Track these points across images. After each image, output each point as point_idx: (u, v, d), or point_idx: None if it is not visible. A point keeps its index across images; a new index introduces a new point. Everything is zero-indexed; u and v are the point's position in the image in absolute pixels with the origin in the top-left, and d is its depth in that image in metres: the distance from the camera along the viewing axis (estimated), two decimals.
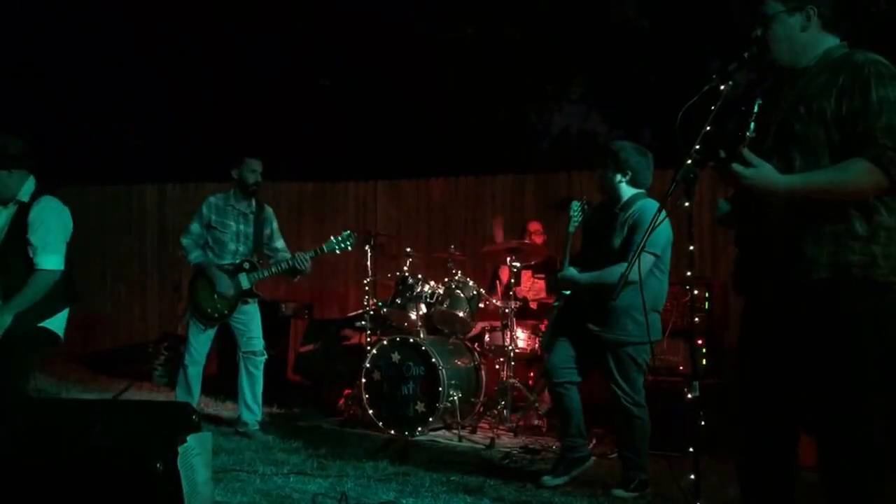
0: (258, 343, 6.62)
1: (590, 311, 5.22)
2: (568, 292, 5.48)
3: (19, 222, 4.61)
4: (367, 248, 7.79)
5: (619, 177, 5.28)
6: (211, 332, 6.56)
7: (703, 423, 3.29)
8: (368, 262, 7.78)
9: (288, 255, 6.59)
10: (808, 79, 3.19)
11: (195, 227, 6.57)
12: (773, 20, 3.24)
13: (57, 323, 4.76)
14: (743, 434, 3.35)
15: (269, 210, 6.79)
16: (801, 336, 3.12)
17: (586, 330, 5.25)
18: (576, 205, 5.61)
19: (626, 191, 5.30)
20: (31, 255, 4.58)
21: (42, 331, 4.68)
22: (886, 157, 2.94)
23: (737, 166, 3.02)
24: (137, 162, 13.39)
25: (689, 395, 3.29)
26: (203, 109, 14.24)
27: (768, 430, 3.28)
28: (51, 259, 4.60)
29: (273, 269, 6.51)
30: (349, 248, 6.58)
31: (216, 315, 6.44)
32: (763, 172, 3.01)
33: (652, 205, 5.18)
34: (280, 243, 6.73)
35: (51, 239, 4.61)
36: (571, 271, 5.27)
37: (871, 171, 2.95)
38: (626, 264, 4.93)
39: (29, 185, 4.69)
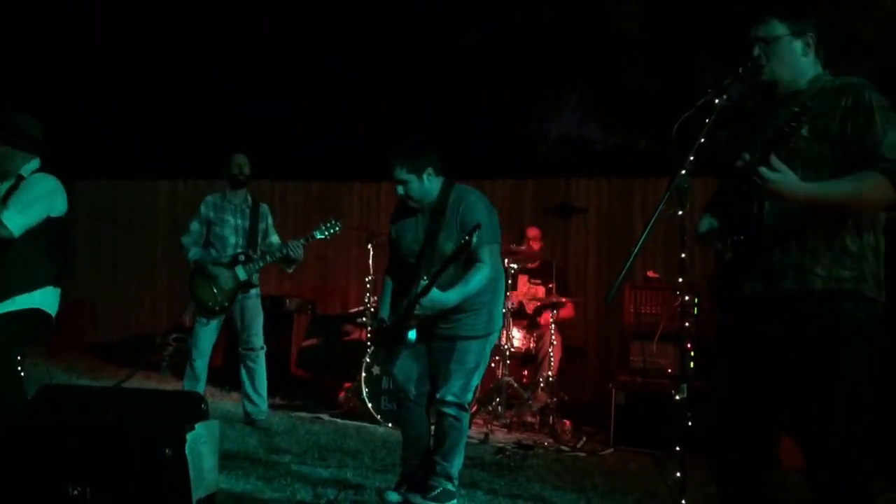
0: (258, 340, 6.76)
1: (438, 314, 4.63)
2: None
3: (11, 193, 4.53)
4: (369, 246, 7.95)
5: (425, 179, 4.69)
6: (215, 326, 6.68)
7: (689, 423, 3.37)
8: (370, 261, 7.94)
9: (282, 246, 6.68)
10: (804, 99, 3.24)
11: (195, 225, 6.73)
12: (777, 41, 3.29)
13: (48, 303, 4.60)
14: (721, 437, 3.41)
15: (265, 207, 6.93)
16: (789, 342, 3.18)
17: (431, 335, 4.71)
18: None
19: (436, 187, 4.74)
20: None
21: (33, 311, 4.55)
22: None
23: (764, 170, 3.03)
24: (150, 159, 13.49)
25: (677, 397, 3.33)
26: (214, 109, 14.31)
27: (748, 435, 3.33)
28: (10, 216, 4.38)
29: (267, 258, 6.61)
30: (337, 231, 6.63)
31: (217, 308, 6.57)
32: (788, 179, 3.02)
33: (465, 192, 4.74)
34: (275, 238, 6.85)
35: (23, 203, 4.45)
36: (439, 294, 4.51)
37: (883, 184, 3.04)
38: (481, 265, 4.56)
39: (33, 164, 4.62)
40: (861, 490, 3.12)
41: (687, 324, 3.68)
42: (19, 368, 4.59)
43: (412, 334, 4.61)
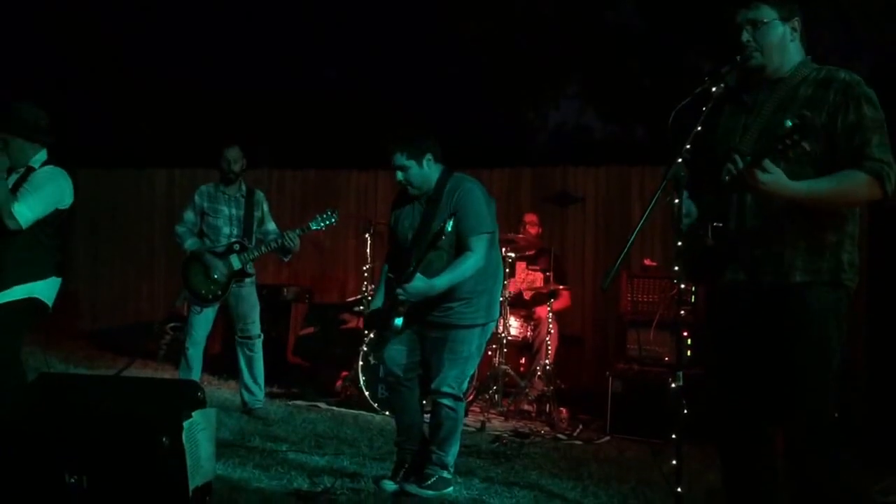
0: (255, 328, 6.76)
1: (430, 300, 4.64)
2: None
3: (21, 184, 4.59)
4: (366, 235, 7.94)
5: (425, 165, 4.69)
6: (210, 315, 6.68)
7: (686, 411, 3.34)
8: (368, 250, 7.94)
9: (275, 237, 6.66)
10: (789, 89, 3.31)
11: (189, 215, 6.70)
12: (765, 26, 3.32)
13: (46, 293, 4.68)
14: (720, 421, 3.48)
15: (260, 194, 6.90)
16: (768, 328, 3.27)
17: (425, 322, 4.74)
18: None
19: (434, 173, 4.74)
20: None
21: (31, 301, 4.61)
22: (885, 172, 3.12)
23: (759, 172, 3.08)
24: (147, 147, 13.52)
25: (674, 385, 3.35)
26: (212, 98, 14.34)
27: (742, 417, 3.41)
28: (21, 211, 4.47)
29: (263, 248, 6.59)
30: (333, 223, 6.61)
31: (210, 296, 6.56)
32: (778, 179, 3.08)
33: (463, 181, 4.72)
34: (271, 226, 6.84)
35: (34, 197, 4.53)
36: (422, 280, 4.53)
37: (871, 183, 3.13)
38: (470, 254, 4.56)
39: (41, 156, 4.69)
40: (834, 462, 3.21)
41: (683, 312, 3.67)
42: (19, 357, 4.65)
43: (398, 321, 4.65)
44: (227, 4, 14.36)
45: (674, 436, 3.38)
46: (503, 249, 7.26)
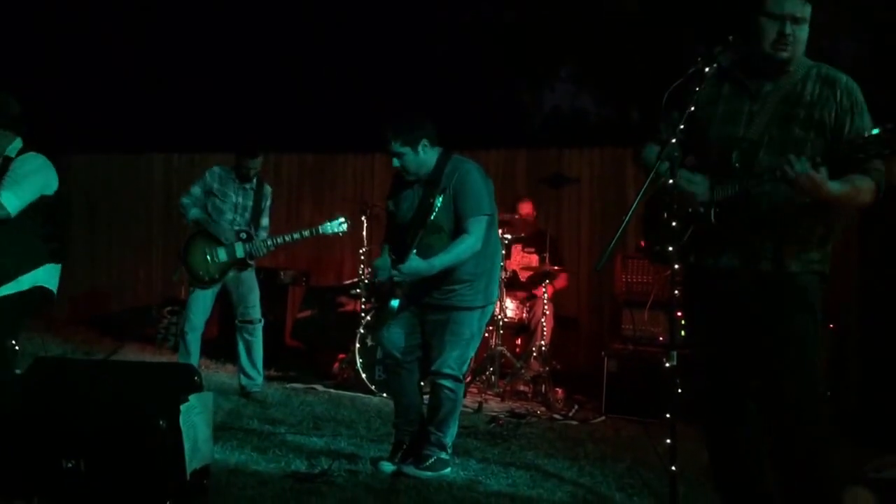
0: (255, 312, 6.79)
1: (430, 283, 4.71)
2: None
3: (2, 174, 4.52)
4: (363, 218, 7.96)
5: (420, 151, 4.72)
6: (210, 301, 6.71)
7: (680, 390, 3.34)
8: (364, 233, 7.97)
9: (265, 235, 6.78)
10: (793, 83, 3.35)
11: (196, 189, 6.72)
12: (806, 23, 3.33)
13: (50, 280, 4.67)
14: (707, 399, 3.55)
15: (268, 188, 6.94)
16: (765, 311, 3.35)
17: (425, 304, 4.80)
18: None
19: (431, 158, 4.77)
20: None
21: (36, 290, 4.61)
22: (881, 181, 3.26)
23: (812, 172, 3.11)
24: (145, 132, 13.51)
25: (667, 364, 3.34)
26: (209, 82, 14.32)
27: (729, 395, 3.48)
28: (7, 197, 4.42)
29: (271, 247, 6.73)
30: (340, 232, 6.74)
31: (206, 278, 6.59)
32: (824, 179, 3.14)
33: (462, 163, 4.76)
34: (265, 221, 6.89)
35: (18, 183, 4.48)
36: (418, 260, 4.58)
37: (873, 190, 3.26)
38: (466, 236, 4.60)
39: (17, 144, 4.62)
40: (823, 446, 3.29)
41: (677, 292, 3.68)
42: (15, 345, 4.66)
43: (395, 303, 4.71)
44: None
45: (668, 415, 3.38)
46: (500, 231, 7.27)
